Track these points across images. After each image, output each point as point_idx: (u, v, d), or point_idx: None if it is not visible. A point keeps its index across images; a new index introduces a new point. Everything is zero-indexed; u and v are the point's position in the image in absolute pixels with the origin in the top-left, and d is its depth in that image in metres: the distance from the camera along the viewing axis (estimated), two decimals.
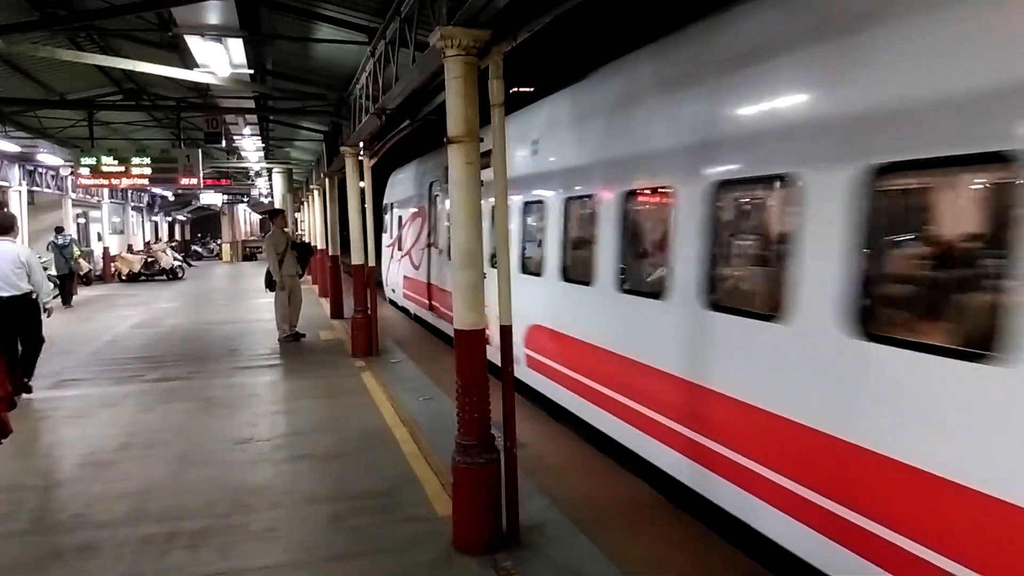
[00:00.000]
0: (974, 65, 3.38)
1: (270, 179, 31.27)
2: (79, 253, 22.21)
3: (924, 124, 3.59)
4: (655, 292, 5.96)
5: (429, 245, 14.03)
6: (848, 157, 3.99)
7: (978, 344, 3.31)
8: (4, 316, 8.93)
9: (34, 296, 9.31)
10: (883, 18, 3.87)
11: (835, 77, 4.19)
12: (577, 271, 7.51)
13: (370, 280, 12.50)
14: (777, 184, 4.73)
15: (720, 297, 5.20)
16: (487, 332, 5.13)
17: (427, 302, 14.39)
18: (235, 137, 19.72)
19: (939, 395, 3.52)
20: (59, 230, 20.96)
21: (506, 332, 5.00)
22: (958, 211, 3.89)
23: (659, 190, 6.25)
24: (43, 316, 9.57)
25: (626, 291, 6.55)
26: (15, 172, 21.63)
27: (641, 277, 6.57)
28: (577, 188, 7.57)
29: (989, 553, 3.27)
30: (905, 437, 3.66)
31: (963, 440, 3.39)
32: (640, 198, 6.52)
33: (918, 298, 3.97)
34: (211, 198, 43.17)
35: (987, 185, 3.64)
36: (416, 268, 15.27)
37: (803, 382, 4.36)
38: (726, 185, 5.16)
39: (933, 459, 3.51)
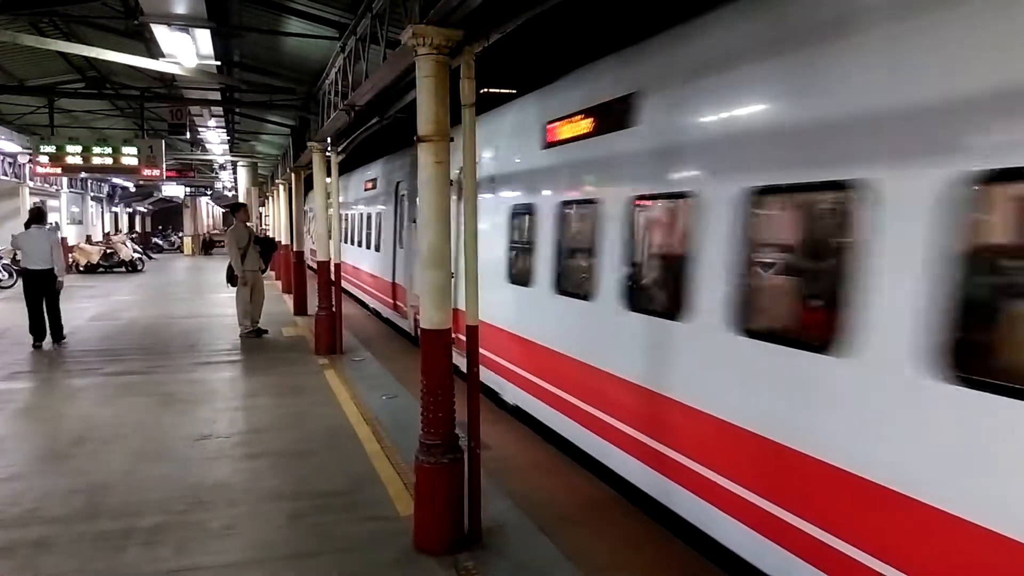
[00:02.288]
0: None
1: (234, 172, 30.89)
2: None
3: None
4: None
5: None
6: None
7: (818, 340, 3.91)
8: (38, 284, 12.25)
9: (53, 270, 12.35)
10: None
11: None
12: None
13: (336, 277, 12.43)
14: (680, 200, 5.32)
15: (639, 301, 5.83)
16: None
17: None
18: (200, 129, 19.45)
19: (783, 376, 4.16)
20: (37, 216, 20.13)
21: (472, 332, 5.01)
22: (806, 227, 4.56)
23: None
24: (58, 288, 12.55)
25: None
26: None
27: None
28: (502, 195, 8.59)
29: None
30: (775, 413, 4.24)
31: (820, 420, 3.91)
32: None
33: (779, 299, 4.55)
34: (173, 190, 42.48)
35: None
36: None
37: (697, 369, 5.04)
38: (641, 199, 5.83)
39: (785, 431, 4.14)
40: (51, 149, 16.33)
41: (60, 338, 12.75)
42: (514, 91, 12.80)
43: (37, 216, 12.91)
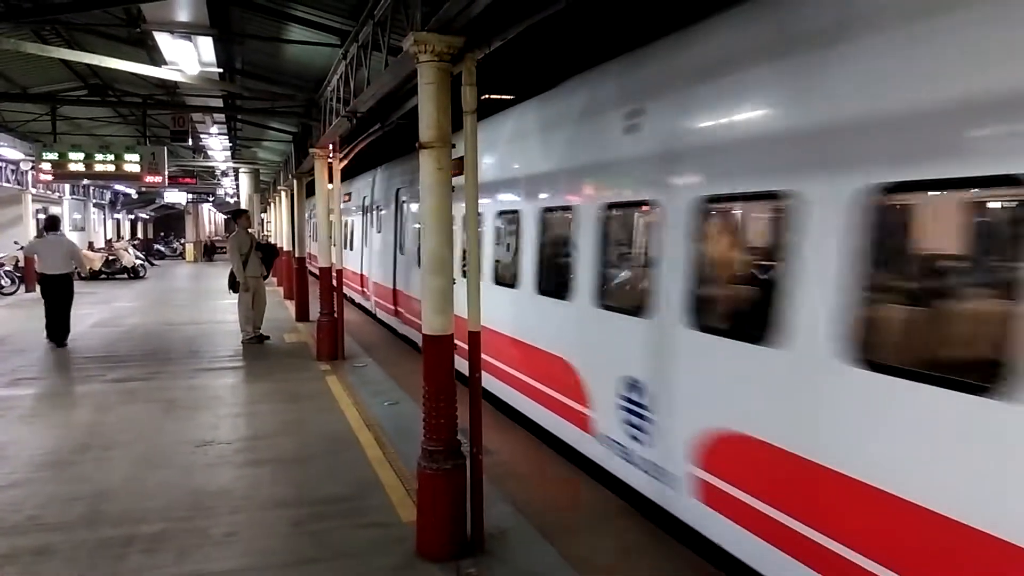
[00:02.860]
0: None
1: (236, 179, 30.95)
2: None
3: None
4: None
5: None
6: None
7: (748, 329, 4.47)
8: (55, 287, 13.21)
9: (75, 272, 13.86)
10: None
11: None
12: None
13: (337, 283, 12.45)
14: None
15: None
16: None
17: None
18: (202, 136, 19.51)
19: (717, 363, 4.78)
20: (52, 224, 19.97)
21: (474, 338, 5.01)
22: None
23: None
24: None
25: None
26: None
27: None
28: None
29: None
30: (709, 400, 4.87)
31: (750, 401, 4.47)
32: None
33: (717, 297, 5.20)
34: (175, 197, 42.56)
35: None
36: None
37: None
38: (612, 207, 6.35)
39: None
40: (54, 156, 16.42)
41: (63, 343, 13.26)
42: (512, 97, 12.80)
43: (52, 224, 14.20)
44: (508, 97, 14.74)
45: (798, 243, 4.04)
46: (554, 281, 7.18)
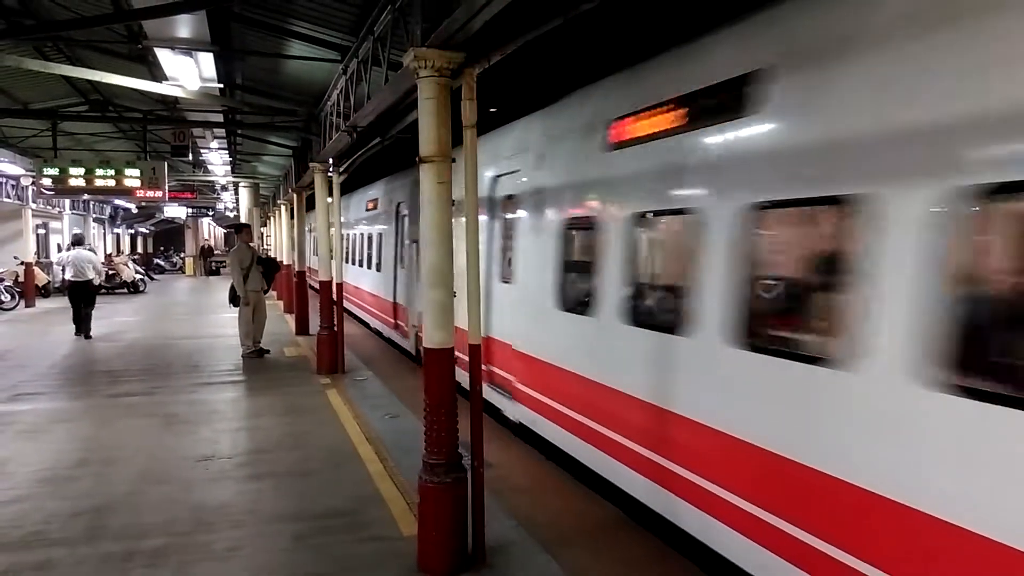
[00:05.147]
0: None
1: (236, 193, 31.00)
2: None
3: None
4: None
5: None
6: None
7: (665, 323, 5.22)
8: (81, 291, 16.39)
9: (95, 281, 16.87)
10: None
11: None
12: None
13: (337, 296, 12.45)
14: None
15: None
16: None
17: None
18: (202, 150, 19.53)
19: (647, 351, 5.37)
20: (79, 240, 19.97)
21: (475, 351, 5.02)
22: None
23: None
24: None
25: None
26: None
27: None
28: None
29: None
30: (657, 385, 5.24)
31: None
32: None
33: (648, 297, 5.79)
34: (175, 211, 42.66)
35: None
36: None
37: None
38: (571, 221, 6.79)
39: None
40: (54, 171, 16.50)
41: (88, 335, 16.30)
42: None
43: (78, 240, 18.31)
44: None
45: None
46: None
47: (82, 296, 16.41)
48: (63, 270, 18.16)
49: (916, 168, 3.46)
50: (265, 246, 32.08)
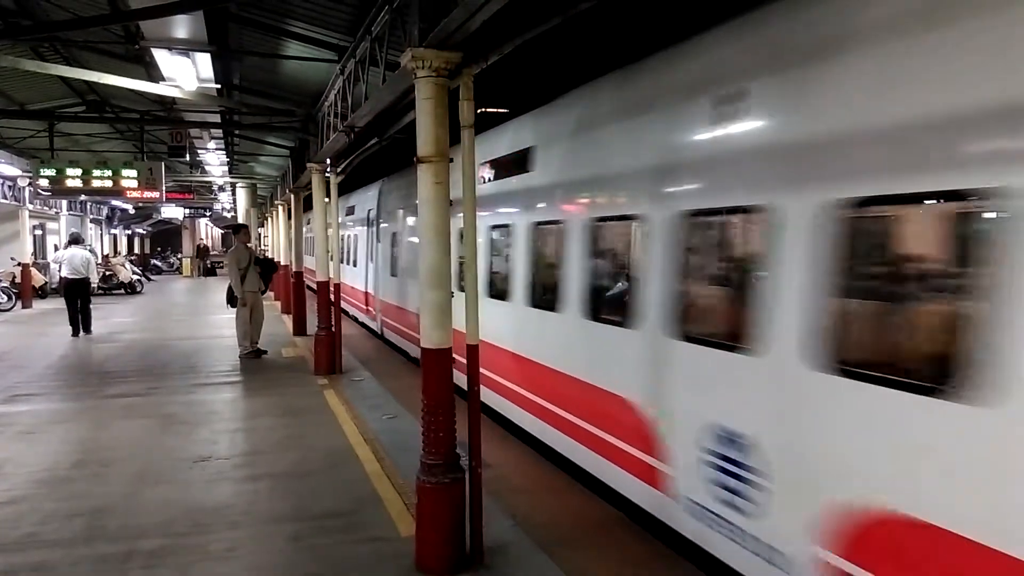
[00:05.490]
0: None
1: (234, 194, 30.96)
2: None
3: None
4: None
5: None
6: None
7: (618, 316, 5.95)
8: (76, 288, 16.78)
9: (88, 279, 17.25)
10: None
11: None
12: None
13: (335, 297, 12.45)
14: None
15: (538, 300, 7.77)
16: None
17: None
18: (199, 151, 19.50)
19: (604, 342, 6.24)
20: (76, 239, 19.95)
21: (472, 352, 5.02)
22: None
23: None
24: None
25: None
26: None
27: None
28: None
29: None
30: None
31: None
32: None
33: (603, 293, 6.51)
34: (172, 212, 42.58)
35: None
36: None
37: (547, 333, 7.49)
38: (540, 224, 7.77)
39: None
40: (51, 172, 16.47)
41: (88, 330, 16.82)
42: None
43: (76, 239, 18.13)
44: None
45: None
46: None
47: (78, 293, 16.82)
48: (60, 267, 18.58)
49: (581, 205, 6.76)
50: (262, 247, 32.06)
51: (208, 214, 47.09)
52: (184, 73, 9.94)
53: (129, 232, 52.06)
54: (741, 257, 4.87)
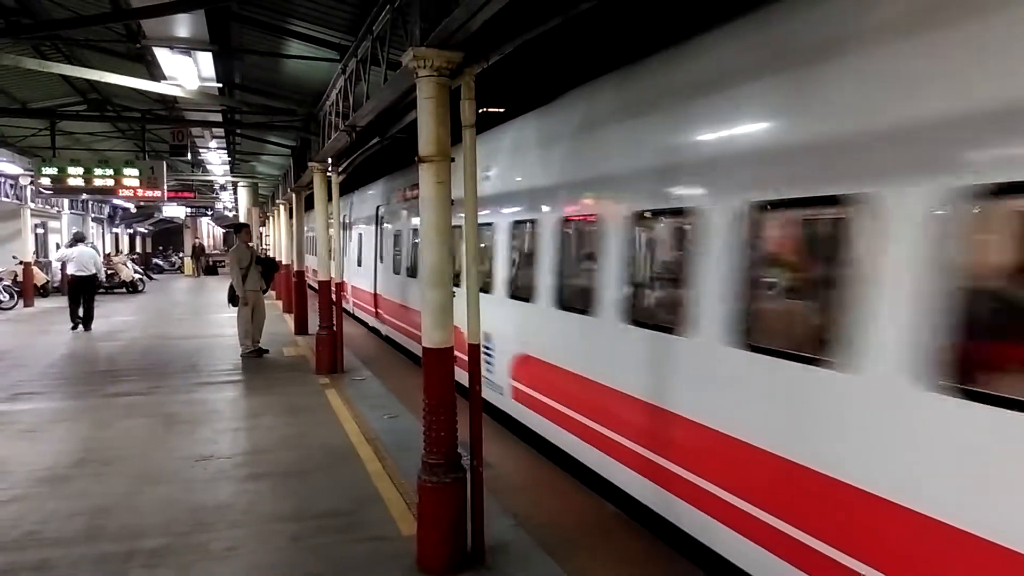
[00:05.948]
0: None
1: (235, 193, 30.99)
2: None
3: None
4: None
5: None
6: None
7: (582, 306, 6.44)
8: (82, 285, 17.43)
9: (96, 276, 18.06)
10: None
11: None
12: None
13: (337, 296, 12.46)
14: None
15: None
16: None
17: None
18: (201, 150, 19.52)
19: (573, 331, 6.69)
20: (80, 237, 20.01)
21: (474, 351, 5.02)
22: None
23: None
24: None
25: None
26: None
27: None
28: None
29: None
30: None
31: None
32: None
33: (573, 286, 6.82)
34: (174, 211, 42.64)
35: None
36: None
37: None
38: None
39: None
40: (53, 171, 16.48)
41: (88, 328, 17.25)
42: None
43: (80, 237, 18.87)
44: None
45: None
46: None
47: (84, 290, 17.44)
48: (64, 266, 19.06)
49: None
50: (264, 246, 32.08)
51: (210, 213, 47.18)
52: (185, 72, 9.95)
53: (131, 231, 52.04)
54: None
